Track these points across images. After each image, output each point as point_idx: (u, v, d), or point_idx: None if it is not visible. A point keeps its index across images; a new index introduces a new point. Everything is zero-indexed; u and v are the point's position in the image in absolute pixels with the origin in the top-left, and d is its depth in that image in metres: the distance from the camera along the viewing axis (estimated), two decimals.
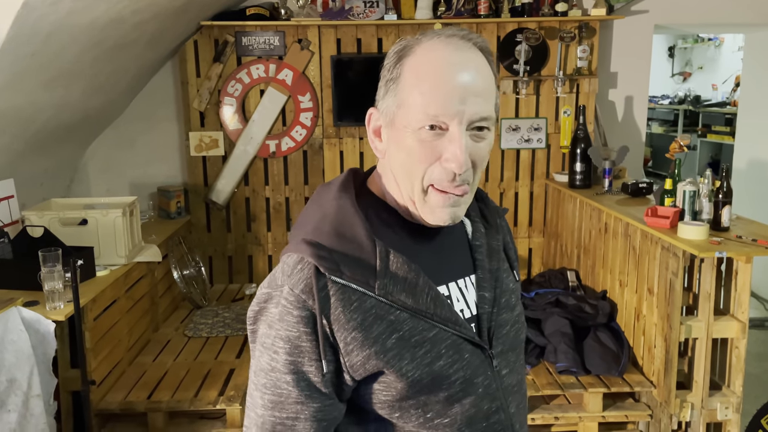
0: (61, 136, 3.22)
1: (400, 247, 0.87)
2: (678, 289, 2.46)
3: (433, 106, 0.82)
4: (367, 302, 0.83)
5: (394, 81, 0.85)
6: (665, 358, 2.55)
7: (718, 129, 6.57)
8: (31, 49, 2.20)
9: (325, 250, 0.83)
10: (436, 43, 0.84)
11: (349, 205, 0.87)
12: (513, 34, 3.70)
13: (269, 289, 0.86)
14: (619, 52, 3.92)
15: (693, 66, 7.73)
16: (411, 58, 0.84)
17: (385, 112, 0.87)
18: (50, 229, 2.57)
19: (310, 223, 0.88)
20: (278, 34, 3.67)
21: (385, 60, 0.88)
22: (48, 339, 2.22)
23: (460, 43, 0.85)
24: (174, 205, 3.73)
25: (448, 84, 0.82)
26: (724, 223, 2.54)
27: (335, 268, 0.82)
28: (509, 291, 0.99)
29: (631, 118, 4.03)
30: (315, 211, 0.90)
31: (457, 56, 0.84)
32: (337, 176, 0.96)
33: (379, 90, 0.88)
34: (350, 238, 0.84)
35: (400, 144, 0.86)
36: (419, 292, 0.85)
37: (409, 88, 0.83)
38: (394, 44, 0.89)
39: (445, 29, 0.87)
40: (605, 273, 3.11)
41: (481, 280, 0.95)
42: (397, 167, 0.87)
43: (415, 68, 0.84)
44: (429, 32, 0.86)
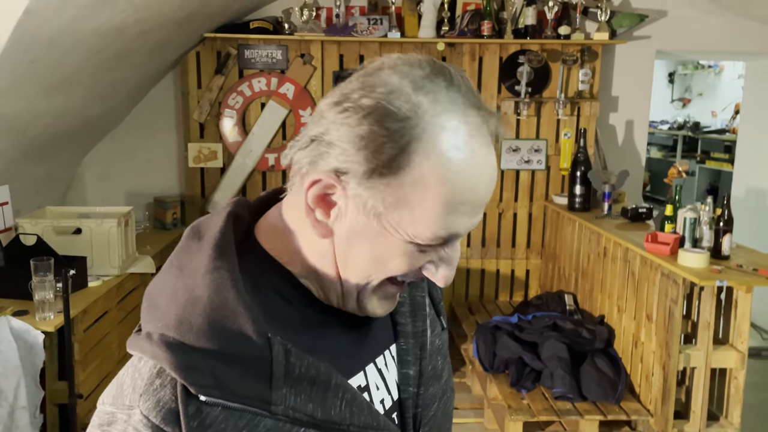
0: (59, 143, 3.19)
1: (303, 334, 0.66)
2: (677, 317, 2.44)
3: (455, 224, 0.62)
4: (260, 425, 0.61)
5: (396, 170, 0.59)
6: (663, 386, 2.52)
7: (717, 156, 6.59)
8: (32, 56, 2.18)
9: (197, 357, 0.59)
10: (463, 131, 0.61)
11: (229, 284, 0.61)
12: (515, 56, 3.70)
13: (113, 408, 0.61)
14: (621, 77, 3.93)
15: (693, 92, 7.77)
16: (429, 150, 0.59)
17: (360, 197, 0.61)
18: (44, 237, 2.54)
19: (173, 309, 0.61)
20: (281, 48, 3.67)
21: (366, 110, 0.59)
22: (36, 350, 2.18)
23: (485, 131, 0.63)
24: (170, 216, 3.70)
25: (477, 197, 0.63)
26: (724, 252, 2.53)
27: (212, 385, 0.58)
28: (435, 353, 0.80)
29: (631, 143, 4.03)
30: (179, 287, 0.63)
31: (485, 158, 0.62)
32: (208, 220, 0.68)
33: (343, 151, 0.60)
34: (233, 338, 0.60)
35: (373, 243, 0.63)
36: (330, 398, 0.64)
37: (427, 194, 0.60)
38: (382, 88, 0.60)
39: (458, 95, 0.61)
40: (603, 297, 3.08)
41: (404, 353, 0.76)
42: (351, 260, 0.65)
43: (439, 170, 0.59)
44: (440, 96, 0.61)
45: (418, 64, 0.62)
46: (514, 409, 2.65)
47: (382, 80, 0.60)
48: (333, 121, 0.60)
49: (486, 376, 2.97)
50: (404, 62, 0.62)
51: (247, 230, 0.70)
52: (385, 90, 0.59)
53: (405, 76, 0.60)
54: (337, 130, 0.60)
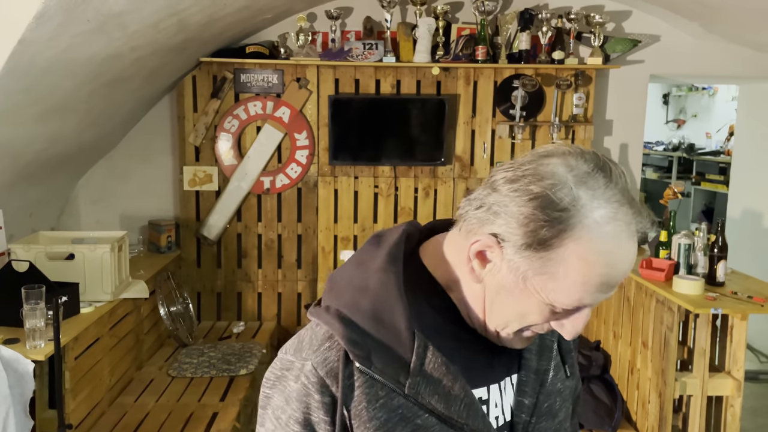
0: (53, 167, 3.19)
1: (443, 340, 0.78)
2: (673, 345, 2.42)
3: (590, 299, 0.73)
4: (394, 400, 0.75)
5: (548, 248, 0.70)
6: (660, 414, 2.50)
7: (712, 177, 6.60)
8: (26, 83, 2.19)
9: (358, 332, 0.75)
10: (612, 227, 0.70)
11: (393, 284, 0.77)
12: (510, 80, 3.73)
13: (293, 358, 0.79)
14: (615, 101, 3.96)
15: (687, 114, 7.82)
16: (581, 238, 0.69)
17: (513, 261, 0.72)
18: (36, 263, 2.52)
19: (348, 292, 0.78)
20: (277, 73, 3.69)
21: (533, 195, 0.70)
22: (26, 379, 2.15)
23: (633, 228, 0.72)
24: (164, 239, 3.68)
25: (614, 281, 0.72)
26: (719, 278, 2.52)
27: (366, 357, 0.74)
28: (555, 394, 0.88)
29: (626, 166, 4.04)
30: (356, 277, 0.80)
31: (628, 250, 0.72)
32: (388, 232, 0.84)
33: (506, 222, 0.71)
34: (388, 325, 0.75)
35: (516, 299, 0.75)
36: (453, 397, 0.76)
37: (572, 272, 0.71)
38: (550, 178, 0.70)
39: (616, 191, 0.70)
40: (599, 323, 3.07)
41: (523, 384, 0.85)
42: (497, 308, 0.77)
43: (586, 256, 0.70)
44: (598, 193, 0.70)
45: (584, 159, 0.72)
46: None
47: (551, 170, 0.71)
48: (504, 195, 0.72)
49: None
50: (573, 154, 0.72)
51: (414, 248, 0.84)
52: (551, 181, 0.70)
53: (571, 169, 0.71)
54: (506, 205, 0.72)
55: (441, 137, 3.71)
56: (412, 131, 3.78)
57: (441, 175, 3.83)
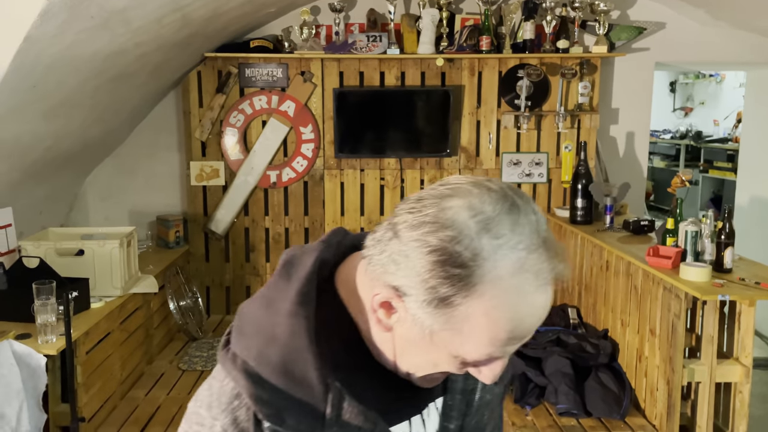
0: (61, 164, 3.22)
1: (360, 381, 0.74)
2: (680, 332, 2.42)
3: (498, 352, 0.68)
4: None
5: (449, 306, 0.65)
6: (668, 401, 2.50)
7: (720, 165, 6.57)
8: (32, 81, 2.20)
9: (267, 389, 0.70)
10: (517, 280, 0.64)
11: (303, 332, 0.70)
12: (515, 70, 3.72)
13: (205, 413, 0.74)
14: (621, 89, 3.94)
15: (694, 101, 7.77)
16: (484, 294, 0.64)
17: (417, 316, 0.67)
18: (46, 259, 2.55)
19: (256, 342, 0.72)
20: (281, 67, 3.69)
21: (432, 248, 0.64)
22: (39, 373, 2.18)
23: (543, 277, 0.65)
24: (173, 234, 3.71)
25: (522, 334, 0.67)
26: (726, 265, 2.51)
27: (276, 415, 0.69)
28: (483, 407, 0.85)
29: (632, 154, 4.02)
30: (265, 322, 0.73)
31: (537, 302, 0.66)
32: (303, 259, 0.76)
33: (406, 275, 0.66)
34: (300, 379, 0.70)
35: (425, 351, 0.70)
36: None
37: (477, 329, 0.66)
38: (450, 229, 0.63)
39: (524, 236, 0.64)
40: (606, 311, 3.07)
41: (449, 408, 0.82)
42: (407, 356, 0.73)
43: (490, 313, 0.64)
44: (502, 241, 0.63)
45: (489, 199, 0.65)
46: (519, 426, 2.63)
47: (451, 217, 0.64)
48: (405, 244, 0.66)
49: None
50: (477, 194, 0.65)
51: (332, 271, 0.77)
52: (450, 233, 0.63)
53: (474, 214, 0.64)
54: (407, 256, 0.65)
55: (446, 128, 3.71)
56: (417, 123, 3.78)
57: (447, 167, 3.83)
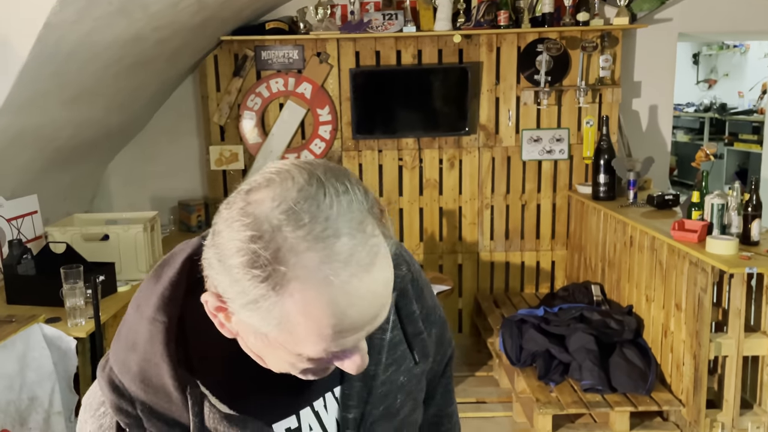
0: (84, 151, 3.25)
1: (236, 381, 0.71)
2: (707, 306, 2.39)
3: (337, 346, 0.62)
4: None
5: (267, 308, 0.60)
6: (694, 376, 2.48)
7: (745, 137, 6.44)
8: (53, 68, 2.22)
9: (127, 399, 0.68)
10: (328, 271, 0.58)
11: (160, 339, 0.67)
12: (534, 45, 3.66)
13: (82, 416, 0.73)
14: (643, 61, 3.86)
15: (718, 73, 7.60)
16: (293, 292, 0.58)
17: (244, 321, 0.63)
18: (72, 245, 2.59)
19: (122, 348, 0.70)
20: (297, 48, 3.68)
21: (234, 249, 0.59)
22: (69, 356, 2.23)
23: (360, 257, 0.59)
24: (194, 218, 3.75)
25: (354, 324, 0.61)
26: (754, 237, 2.47)
27: (137, 425, 0.67)
28: (394, 392, 0.80)
29: (655, 128, 3.95)
30: (132, 326, 0.71)
31: (358, 288, 0.59)
32: (174, 258, 0.72)
33: (220, 281, 0.61)
34: (157, 387, 0.67)
35: (273, 353, 0.65)
36: None
37: (300, 328, 0.60)
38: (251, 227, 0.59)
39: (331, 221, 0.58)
40: (631, 287, 3.04)
41: (347, 397, 0.77)
42: (266, 357, 0.68)
43: (304, 311, 0.59)
44: (307, 232, 0.58)
45: (293, 184, 0.60)
46: (543, 402, 2.63)
47: (253, 212, 0.59)
48: (217, 246, 0.61)
49: (513, 369, 2.95)
50: (281, 181, 0.60)
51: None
52: (251, 232, 0.58)
53: (277, 205, 0.59)
54: (219, 259, 0.61)
55: (464, 106, 3.68)
56: (435, 101, 3.75)
57: (466, 145, 3.80)
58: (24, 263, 2.49)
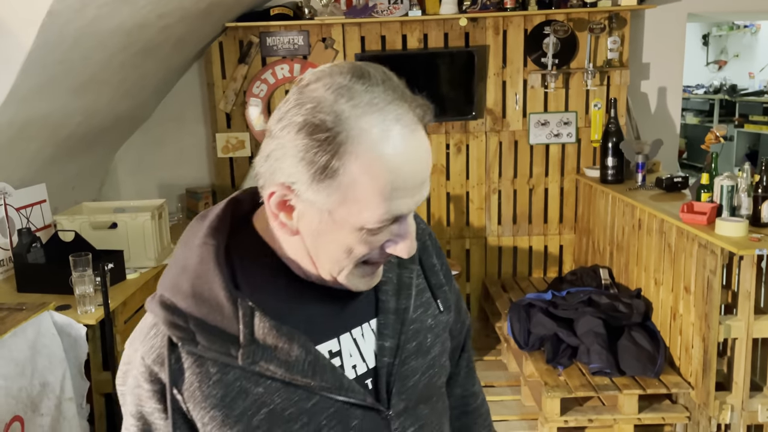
0: (91, 140, 3.26)
1: (281, 302, 0.77)
2: (716, 288, 2.38)
3: (395, 208, 0.70)
4: (229, 374, 0.73)
5: (332, 175, 0.68)
6: (703, 358, 2.47)
7: (756, 119, 6.37)
8: (59, 56, 2.22)
9: (180, 315, 0.73)
10: (383, 128, 0.67)
11: (211, 256, 0.74)
12: (541, 27, 3.62)
13: (129, 350, 0.78)
14: (651, 43, 3.82)
15: (728, 54, 7.50)
16: (356, 152, 0.67)
17: (311, 200, 0.70)
18: (81, 233, 2.60)
19: (171, 275, 0.77)
20: (302, 34, 3.66)
21: (299, 126, 0.68)
22: (80, 343, 2.24)
23: (407, 121, 0.70)
24: (202, 206, 3.75)
25: (409, 181, 0.70)
26: (764, 219, 2.45)
27: (190, 338, 0.72)
28: (423, 331, 0.87)
29: (664, 110, 3.92)
30: (180, 257, 0.78)
31: (410, 145, 0.69)
32: (217, 204, 0.81)
33: (289, 164, 0.69)
34: (209, 300, 0.73)
35: (333, 236, 0.72)
36: (294, 358, 0.74)
37: (364, 189, 0.68)
38: (310, 103, 0.68)
39: (378, 93, 0.69)
40: (639, 271, 3.03)
41: (383, 327, 0.83)
42: (321, 253, 0.74)
43: (368, 169, 0.67)
44: (359, 100, 0.68)
45: (339, 72, 0.69)
46: (551, 385, 2.64)
47: (309, 96, 0.68)
48: (279, 138, 0.70)
49: (521, 353, 2.96)
50: (326, 73, 0.70)
51: (249, 213, 0.82)
52: (311, 106, 0.68)
53: (327, 86, 0.68)
54: (282, 147, 0.69)
55: (471, 90, 3.65)
56: (441, 86, 3.72)
57: (473, 130, 3.78)
58: (33, 252, 2.50)
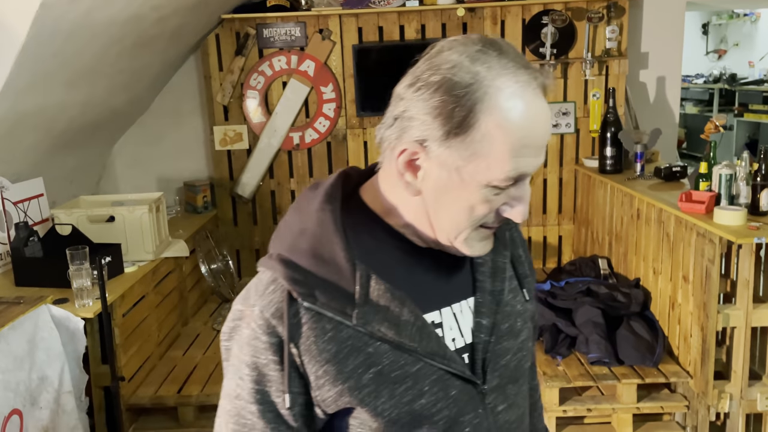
0: (88, 133, 3.25)
1: (391, 270, 0.80)
2: (715, 277, 2.38)
3: (522, 165, 0.75)
4: (343, 332, 0.76)
5: (466, 129, 0.72)
6: (702, 347, 2.47)
7: (756, 108, 6.35)
8: (53, 49, 2.21)
9: (300, 272, 0.77)
10: (515, 88, 0.73)
11: (330, 221, 0.79)
12: (539, 17, 3.61)
13: (242, 307, 0.81)
14: (650, 32, 3.80)
15: (728, 43, 7.47)
16: (491, 107, 0.72)
17: (441, 157, 0.75)
18: (78, 226, 2.60)
19: (288, 237, 0.81)
20: (299, 25, 3.64)
21: (436, 85, 0.73)
22: (78, 336, 2.25)
23: (534, 85, 0.75)
24: (200, 199, 3.75)
25: (536, 140, 0.75)
26: (762, 207, 2.44)
27: (309, 294, 0.76)
28: (514, 315, 0.90)
29: (663, 100, 3.90)
30: (295, 222, 0.82)
31: (538, 107, 0.75)
32: (325, 179, 0.86)
33: (422, 122, 0.74)
34: (328, 260, 0.77)
35: (457, 195, 0.76)
36: (403, 322, 0.77)
37: (495, 143, 0.73)
38: (446, 65, 0.73)
39: (508, 60, 0.74)
40: (638, 260, 3.03)
41: (480, 305, 0.86)
42: (443, 213, 0.78)
43: (501, 123, 0.72)
44: (493, 64, 0.74)
45: (472, 42, 0.75)
46: (550, 375, 2.64)
47: (444, 59, 0.74)
48: (410, 100, 0.75)
49: None
50: (460, 42, 0.75)
51: (355, 188, 0.86)
52: (448, 66, 0.73)
53: (462, 53, 0.74)
54: (415, 106, 0.74)
55: None
56: None
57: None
58: (31, 245, 2.50)
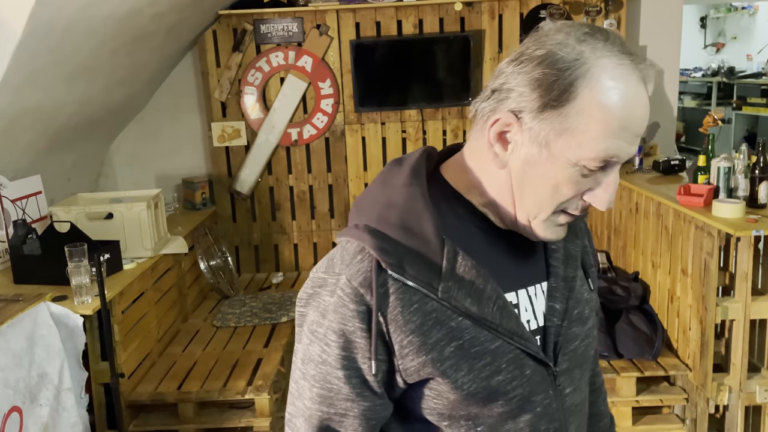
0: (86, 130, 3.24)
1: (472, 248, 0.80)
2: (713, 270, 2.38)
3: (614, 147, 0.73)
4: (428, 305, 0.77)
5: (564, 102, 0.72)
6: (701, 340, 2.48)
7: (754, 101, 6.34)
8: (50, 45, 2.20)
9: (389, 242, 0.77)
10: (619, 70, 0.72)
11: (419, 195, 0.79)
12: (536, 11, 3.60)
13: (325, 275, 0.81)
14: (648, 25, 3.79)
15: (726, 36, 7.46)
16: (592, 83, 0.72)
17: (534, 129, 0.74)
18: (77, 224, 2.59)
19: (375, 209, 0.81)
20: (296, 21, 3.63)
21: (539, 58, 0.73)
22: (77, 333, 2.24)
23: (638, 73, 0.74)
24: (199, 196, 3.75)
25: (633, 125, 0.74)
26: (761, 200, 2.45)
27: (398, 264, 0.76)
28: (583, 302, 0.91)
29: (661, 93, 3.90)
30: (381, 195, 0.82)
31: (639, 93, 0.74)
32: (408, 155, 0.86)
33: (520, 93, 0.74)
34: (417, 234, 0.77)
35: (544, 171, 0.76)
36: (485, 299, 0.79)
37: (591, 120, 0.72)
38: (551, 42, 0.74)
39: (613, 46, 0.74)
40: (637, 254, 3.03)
41: (554, 290, 0.87)
42: (527, 189, 0.78)
43: (600, 99, 0.72)
44: (599, 46, 0.73)
45: (580, 26, 0.75)
46: None
47: (551, 37, 0.74)
48: (511, 73, 0.75)
49: None
50: (568, 25, 0.76)
51: (435, 167, 0.87)
52: (554, 42, 0.74)
53: (569, 34, 0.74)
54: (515, 78, 0.75)
55: (467, 76, 3.63)
56: (437, 72, 3.70)
57: (469, 116, 3.76)
58: (29, 243, 2.50)
